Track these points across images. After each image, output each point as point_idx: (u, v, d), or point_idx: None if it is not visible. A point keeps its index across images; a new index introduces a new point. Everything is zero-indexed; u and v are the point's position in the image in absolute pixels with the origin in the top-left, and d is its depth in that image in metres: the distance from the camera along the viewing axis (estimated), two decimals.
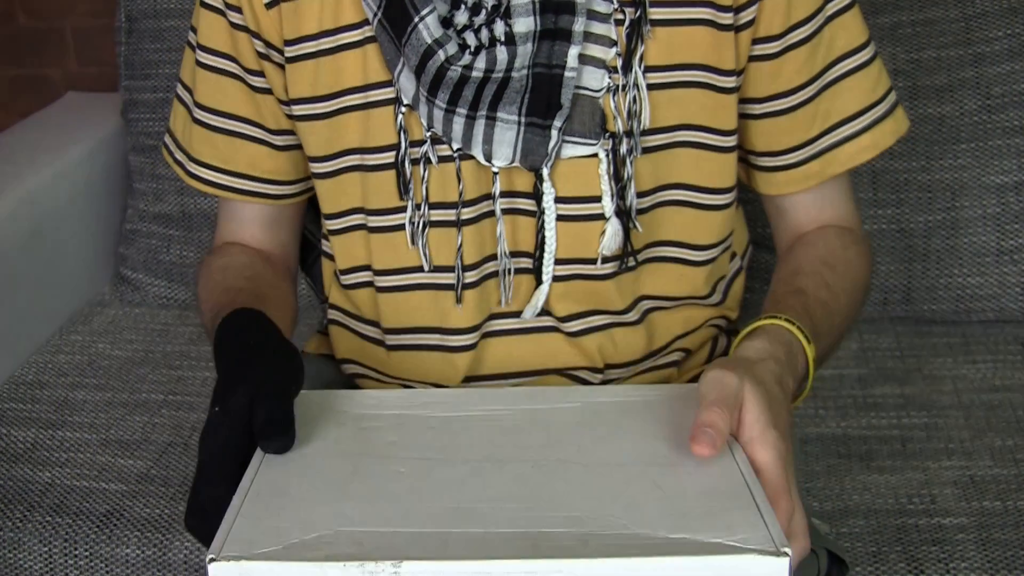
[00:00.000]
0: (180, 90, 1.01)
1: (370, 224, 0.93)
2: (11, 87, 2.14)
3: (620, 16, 0.86)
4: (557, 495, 0.67)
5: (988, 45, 1.44)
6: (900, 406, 1.32)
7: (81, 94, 1.99)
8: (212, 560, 0.60)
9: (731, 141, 0.91)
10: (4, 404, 1.41)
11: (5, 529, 1.19)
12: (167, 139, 1.03)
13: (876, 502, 1.15)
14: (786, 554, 0.60)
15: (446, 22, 0.86)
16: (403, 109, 0.89)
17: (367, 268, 0.95)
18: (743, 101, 0.92)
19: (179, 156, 1.01)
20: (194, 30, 0.97)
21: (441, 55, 0.86)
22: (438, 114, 0.86)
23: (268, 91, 0.95)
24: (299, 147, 0.97)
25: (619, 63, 0.87)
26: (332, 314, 1.00)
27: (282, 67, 0.93)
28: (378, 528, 0.64)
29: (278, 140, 0.97)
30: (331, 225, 0.96)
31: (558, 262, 0.90)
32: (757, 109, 0.93)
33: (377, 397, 0.82)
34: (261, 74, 0.94)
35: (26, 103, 2.09)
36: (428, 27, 0.86)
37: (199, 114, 0.98)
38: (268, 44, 0.92)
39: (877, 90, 0.94)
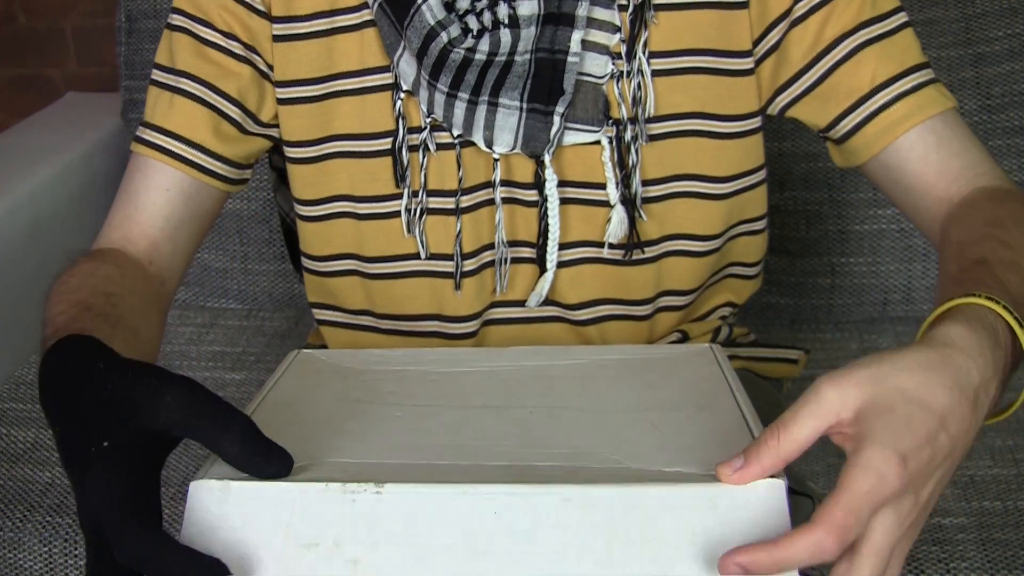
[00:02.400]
0: (157, 74, 0.95)
1: (359, 211, 0.92)
2: (11, 87, 2.14)
3: (623, 2, 0.86)
4: (551, 435, 0.66)
5: (988, 45, 1.44)
6: None
7: (81, 94, 1.99)
8: (195, 481, 0.61)
9: (751, 124, 0.90)
10: (4, 404, 1.41)
11: (5, 529, 1.19)
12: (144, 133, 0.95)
13: None
14: (782, 475, 0.59)
15: (448, 6, 0.86)
16: (401, 95, 0.88)
17: (351, 256, 0.94)
18: (797, 76, 0.88)
19: (139, 131, 0.94)
20: (180, 12, 0.93)
21: (444, 37, 0.85)
22: (439, 99, 0.86)
23: (233, 54, 0.92)
24: (251, 132, 0.93)
25: (623, 49, 0.86)
26: (317, 314, 1.00)
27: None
28: (366, 459, 0.64)
29: (235, 114, 0.93)
30: (308, 211, 0.94)
31: (568, 245, 0.90)
32: (823, 66, 0.88)
33: (381, 354, 0.82)
34: (235, 38, 0.92)
35: (26, 103, 2.10)
36: (431, 9, 0.85)
37: (181, 83, 0.92)
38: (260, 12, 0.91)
39: (924, 56, 0.90)
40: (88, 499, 0.58)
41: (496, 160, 0.88)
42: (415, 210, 0.90)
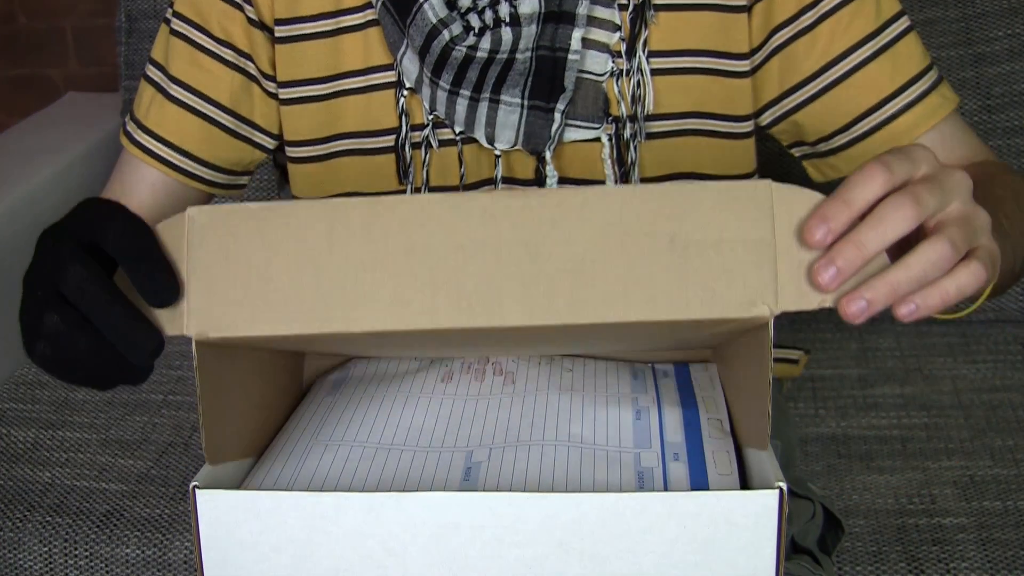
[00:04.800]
0: (152, 71, 0.97)
1: None
2: (11, 87, 2.14)
3: (624, 1, 0.87)
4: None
5: (988, 45, 1.44)
6: (900, 406, 1.32)
7: (81, 94, 1.99)
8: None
9: (747, 127, 0.90)
10: (4, 404, 1.41)
11: (5, 529, 1.19)
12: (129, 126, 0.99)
13: (876, 502, 1.15)
14: (777, 485, 0.58)
15: (450, 4, 0.87)
16: (404, 92, 0.89)
17: None
18: (803, 83, 0.89)
19: (129, 127, 0.98)
20: (180, 16, 0.95)
21: (446, 35, 0.86)
22: (441, 96, 0.86)
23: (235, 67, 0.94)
24: (246, 138, 0.96)
25: (623, 48, 0.87)
26: None
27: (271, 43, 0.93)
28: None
29: (229, 122, 0.95)
30: None
31: None
32: (830, 76, 0.89)
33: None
34: (230, 45, 0.93)
35: (26, 103, 2.10)
36: (433, 7, 0.86)
37: (174, 90, 0.95)
38: (259, 23, 0.92)
39: (927, 57, 0.91)
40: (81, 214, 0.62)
41: (497, 157, 0.88)
42: None
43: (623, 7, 0.87)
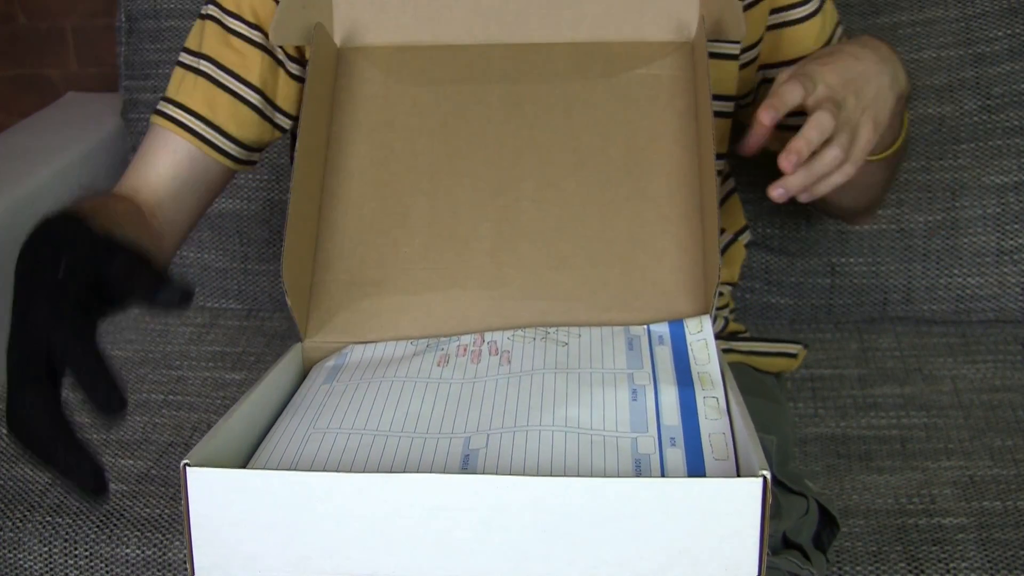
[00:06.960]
0: (185, 57, 1.03)
1: None
2: (11, 87, 2.14)
3: None
4: None
5: (988, 45, 1.44)
6: (900, 406, 1.32)
7: (81, 94, 1.99)
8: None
9: (725, 107, 0.94)
10: (4, 404, 1.40)
11: (5, 529, 1.19)
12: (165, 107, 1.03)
13: (876, 502, 1.15)
14: (762, 473, 0.58)
15: None
16: None
17: None
18: (776, 65, 1.00)
19: (160, 106, 1.02)
20: (214, 3, 1.01)
21: None
22: None
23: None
24: (268, 118, 1.01)
25: None
26: None
27: None
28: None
29: (256, 101, 1.01)
30: None
31: None
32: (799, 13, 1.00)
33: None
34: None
35: (26, 103, 2.10)
36: None
37: (204, 66, 1.01)
38: None
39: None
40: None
41: None
42: None
43: None
